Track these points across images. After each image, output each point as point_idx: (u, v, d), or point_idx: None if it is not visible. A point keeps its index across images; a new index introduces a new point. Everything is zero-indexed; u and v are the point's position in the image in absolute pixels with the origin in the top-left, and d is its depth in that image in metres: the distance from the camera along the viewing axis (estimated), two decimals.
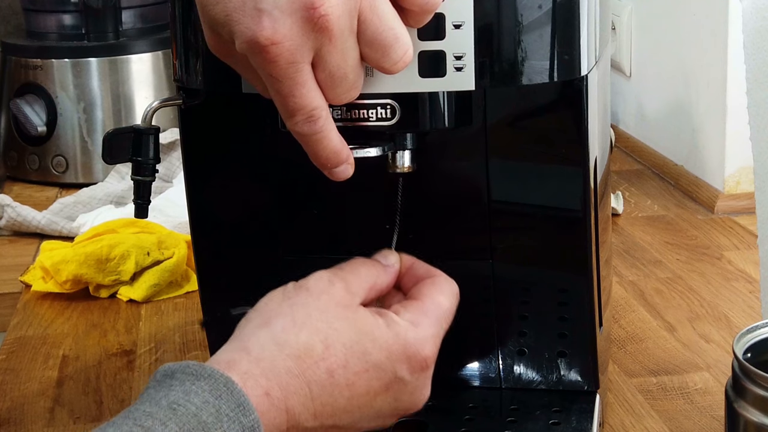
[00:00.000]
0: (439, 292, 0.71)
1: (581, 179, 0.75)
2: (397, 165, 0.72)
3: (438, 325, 0.69)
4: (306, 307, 0.66)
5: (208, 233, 0.84)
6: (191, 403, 0.58)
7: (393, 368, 0.66)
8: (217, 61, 0.72)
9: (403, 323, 0.67)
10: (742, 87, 0.88)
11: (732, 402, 0.67)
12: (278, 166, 0.80)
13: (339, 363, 0.64)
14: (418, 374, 0.67)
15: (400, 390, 0.67)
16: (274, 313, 0.66)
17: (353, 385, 0.65)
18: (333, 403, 0.64)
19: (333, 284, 0.68)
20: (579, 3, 0.70)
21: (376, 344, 0.65)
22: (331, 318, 0.65)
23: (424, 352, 0.67)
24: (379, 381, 0.66)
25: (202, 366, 0.61)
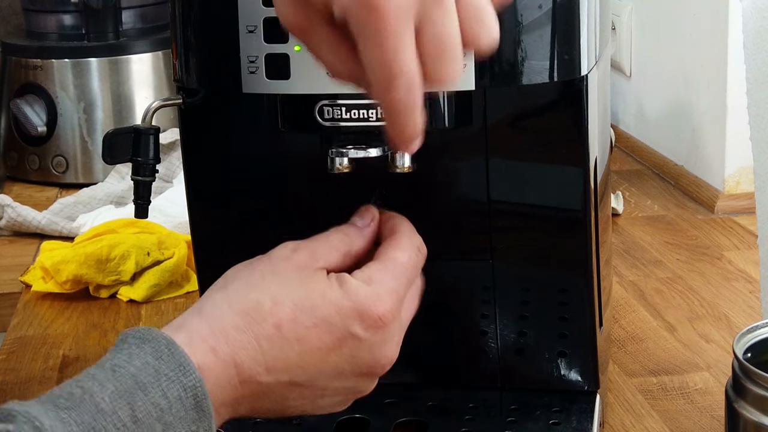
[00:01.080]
0: (395, 247, 0.70)
1: (581, 179, 0.75)
2: (397, 165, 0.72)
3: (395, 280, 0.68)
4: (262, 272, 0.67)
5: (208, 233, 0.84)
6: (132, 364, 0.60)
7: (344, 324, 0.66)
8: (217, 61, 0.72)
9: (355, 282, 0.67)
10: (742, 87, 0.88)
11: (732, 402, 0.67)
12: (278, 166, 0.81)
13: (287, 317, 0.64)
14: (374, 331, 0.66)
15: (355, 346, 0.66)
16: (233, 277, 0.67)
17: (303, 339, 0.65)
18: (284, 357, 0.65)
19: (295, 251, 0.68)
20: (579, 3, 0.70)
21: (325, 300, 0.65)
22: (284, 279, 0.66)
23: (377, 309, 0.66)
24: (330, 336, 0.65)
25: (149, 330, 0.62)
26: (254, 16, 0.70)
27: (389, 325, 0.67)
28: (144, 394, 0.59)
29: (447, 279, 0.81)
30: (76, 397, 0.57)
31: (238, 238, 0.84)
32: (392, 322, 0.67)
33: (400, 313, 0.68)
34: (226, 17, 0.70)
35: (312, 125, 0.72)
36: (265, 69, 0.70)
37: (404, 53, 0.59)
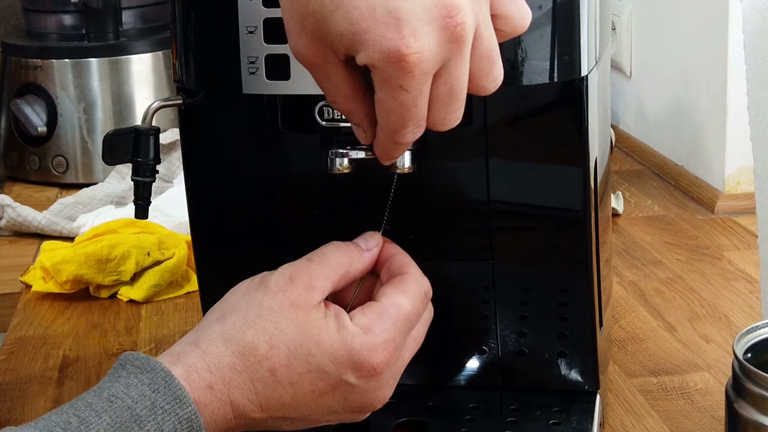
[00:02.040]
0: (400, 293, 0.70)
1: (581, 179, 0.75)
2: (397, 165, 0.72)
3: (394, 329, 0.68)
4: (259, 306, 0.67)
5: (208, 233, 0.84)
6: (128, 396, 0.61)
7: (337, 372, 0.66)
8: (217, 61, 0.72)
9: (353, 329, 0.67)
10: (742, 87, 0.88)
11: (732, 402, 0.67)
12: (278, 167, 0.81)
13: (281, 363, 0.66)
14: (367, 379, 0.67)
15: (348, 391, 0.67)
16: (231, 308, 0.68)
17: (296, 383, 0.66)
18: (278, 398, 0.66)
19: (293, 282, 0.68)
20: (579, 3, 0.70)
21: (320, 348, 0.66)
22: (281, 318, 0.66)
23: (371, 360, 0.67)
24: (323, 382, 0.67)
25: (147, 359, 0.63)
26: (254, 17, 0.70)
27: (383, 374, 0.68)
28: (139, 427, 0.60)
29: (447, 279, 0.81)
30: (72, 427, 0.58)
31: (237, 239, 0.84)
32: (386, 371, 0.68)
33: (398, 361, 0.69)
34: (226, 18, 0.70)
35: (312, 126, 0.72)
36: (265, 69, 0.70)
37: (422, 102, 0.61)
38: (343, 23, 0.59)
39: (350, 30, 0.59)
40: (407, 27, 0.58)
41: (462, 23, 0.59)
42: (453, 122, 0.64)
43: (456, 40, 0.60)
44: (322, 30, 0.60)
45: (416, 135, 0.63)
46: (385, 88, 0.60)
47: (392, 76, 0.59)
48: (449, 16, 0.59)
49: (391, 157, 0.66)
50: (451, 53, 0.60)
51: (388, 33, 0.58)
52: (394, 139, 0.63)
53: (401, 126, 0.62)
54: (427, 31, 0.59)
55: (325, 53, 0.61)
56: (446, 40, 0.59)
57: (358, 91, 0.63)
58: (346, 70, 0.62)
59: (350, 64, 0.62)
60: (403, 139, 0.63)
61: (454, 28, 0.59)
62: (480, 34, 0.61)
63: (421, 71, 0.59)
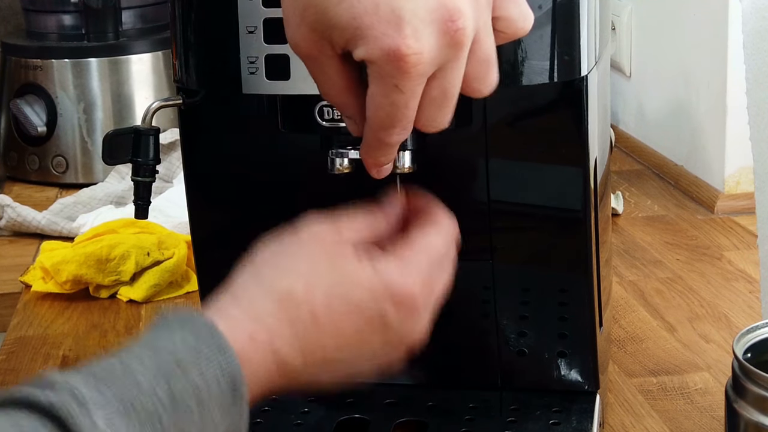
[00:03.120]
0: (432, 231, 0.70)
1: (581, 179, 0.75)
2: (397, 165, 0.72)
3: (428, 266, 0.68)
4: (292, 255, 0.67)
5: (208, 233, 0.84)
6: (172, 343, 0.60)
7: (378, 308, 0.66)
8: (217, 61, 0.72)
9: (387, 262, 0.67)
10: (742, 87, 0.88)
11: (732, 402, 0.67)
12: (278, 166, 0.81)
13: (321, 304, 0.65)
14: (406, 315, 0.67)
15: (387, 326, 0.67)
16: (263, 262, 0.67)
17: (337, 323, 0.65)
18: (320, 341, 0.65)
19: (322, 226, 0.68)
20: (579, 3, 0.70)
21: (358, 285, 0.66)
22: (315, 262, 0.66)
23: (409, 290, 0.66)
24: (363, 319, 0.66)
25: (189, 311, 0.63)
26: (254, 17, 0.70)
27: (420, 307, 0.67)
28: (183, 372, 0.59)
29: None
30: (116, 372, 0.57)
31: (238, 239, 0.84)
32: (421, 301, 0.67)
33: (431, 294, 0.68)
34: (226, 18, 0.70)
35: (312, 126, 0.72)
36: (265, 69, 0.70)
37: (414, 104, 0.61)
38: (345, 16, 0.59)
39: (352, 24, 0.59)
40: (409, 27, 0.58)
41: (463, 28, 0.59)
42: (442, 124, 0.64)
43: (455, 45, 0.60)
44: (323, 22, 0.60)
45: (402, 136, 0.63)
46: (379, 85, 0.61)
47: (389, 74, 0.60)
48: (451, 20, 0.59)
49: (379, 162, 0.66)
50: (449, 57, 0.60)
51: (390, 31, 0.58)
52: (381, 138, 0.63)
53: (389, 125, 0.62)
54: (428, 33, 0.59)
55: (322, 45, 0.61)
56: (446, 44, 0.59)
57: (352, 84, 0.63)
58: (341, 64, 0.62)
59: (346, 58, 0.62)
60: (389, 138, 0.63)
61: (455, 33, 0.59)
62: (479, 39, 0.61)
63: (418, 72, 0.59)
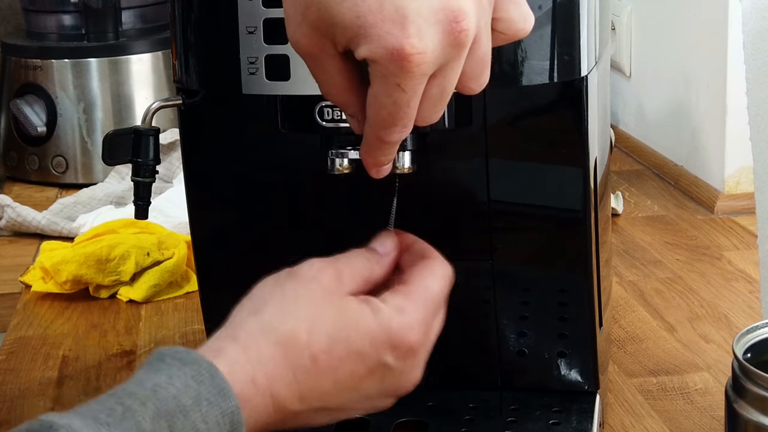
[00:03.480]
0: (429, 275, 0.70)
1: (581, 179, 0.75)
2: (397, 166, 0.72)
3: (425, 309, 0.69)
4: (294, 296, 0.67)
5: (208, 233, 0.84)
6: (173, 386, 0.60)
7: (377, 354, 0.66)
8: (217, 62, 0.72)
9: (388, 310, 0.67)
10: (742, 87, 0.88)
11: (732, 402, 0.67)
12: (278, 167, 0.81)
13: (322, 350, 0.65)
14: (404, 359, 0.67)
15: (386, 374, 0.67)
16: (263, 301, 0.67)
17: (337, 369, 0.66)
18: (318, 387, 0.65)
19: (323, 271, 0.68)
20: (579, 3, 0.70)
21: (359, 332, 0.66)
22: (317, 306, 0.66)
23: (408, 339, 0.67)
24: (363, 366, 0.66)
25: (189, 352, 0.62)
26: (254, 17, 0.70)
27: (418, 353, 0.68)
28: (184, 417, 0.59)
29: None
30: (117, 414, 0.57)
31: (238, 238, 0.84)
32: (421, 350, 0.68)
33: (428, 341, 0.69)
34: (226, 18, 0.70)
35: (312, 126, 0.72)
36: (265, 70, 0.70)
37: (415, 103, 0.61)
38: (349, 15, 0.59)
39: (356, 23, 0.59)
40: (413, 26, 0.58)
41: (467, 30, 0.59)
42: (435, 120, 0.64)
43: (457, 45, 0.60)
44: (325, 20, 0.60)
45: (402, 135, 0.64)
46: (381, 84, 0.61)
47: (392, 73, 0.60)
48: (455, 21, 0.59)
49: (379, 162, 0.67)
50: (451, 57, 0.60)
51: (394, 30, 0.58)
52: (381, 136, 0.64)
53: (390, 124, 0.62)
54: (432, 33, 0.59)
55: (323, 44, 0.61)
56: (448, 44, 0.59)
57: (353, 83, 0.63)
58: (342, 62, 0.62)
59: (347, 57, 0.62)
60: (389, 137, 0.63)
61: (459, 34, 0.59)
62: (478, 39, 0.61)
63: (421, 72, 0.60)
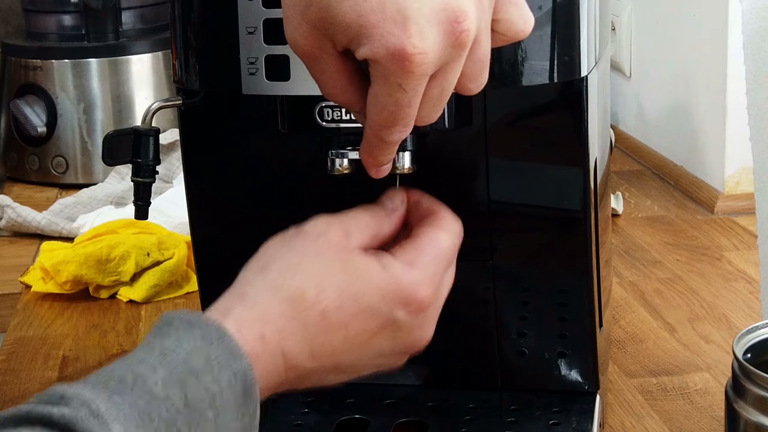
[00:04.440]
0: (439, 230, 0.70)
1: (581, 180, 0.75)
2: (397, 166, 0.72)
3: (436, 264, 0.68)
4: (301, 252, 0.66)
5: (208, 233, 0.84)
6: (182, 349, 0.59)
7: (388, 309, 0.66)
8: (217, 62, 0.72)
9: (398, 265, 0.67)
10: (742, 87, 0.88)
11: (732, 402, 0.67)
12: (278, 167, 0.81)
13: (332, 305, 0.65)
14: (415, 315, 0.67)
15: (397, 329, 0.67)
16: (271, 258, 0.67)
17: (348, 325, 0.65)
18: (330, 343, 0.65)
19: (330, 226, 0.68)
20: (579, 4, 0.70)
21: (369, 286, 0.66)
22: (326, 261, 0.66)
23: (420, 293, 0.66)
24: (374, 321, 0.66)
25: (196, 314, 0.62)
26: (254, 18, 0.70)
27: (429, 309, 0.68)
28: (196, 379, 0.59)
29: None
30: (128, 382, 0.57)
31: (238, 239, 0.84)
32: (432, 305, 0.68)
33: (439, 296, 0.69)
34: (225, 18, 0.70)
35: (312, 126, 0.72)
36: (265, 70, 0.70)
37: (416, 103, 0.61)
38: (350, 15, 0.59)
39: (357, 22, 0.59)
40: (415, 27, 0.58)
41: (468, 30, 0.59)
42: (434, 120, 0.64)
43: (458, 46, 0.60)
44: (326, 20, 0.60)
45: (403, 135, 0.63)
46: (382, 84, 0.61)
47: (393, 73, 0.60)
48: (456, 22, 0.59)
49: (378, 162, 0.66)
50: (451, 57, 0.60)
51: (396, 30, 0.58)
52: (381, 136, 0.63)
53: (391, 123, 0.62)
54: (434, 34, 0.59)
55: (323, 44, 0.61)
56: (449, 44, 0.59)
57: (353, 81, 0.63)
58: (341, 62, 0.62)
59: (346, 56, 0.62)
60: (389, 136, 0.63)
61: (460, 35, 0.59)
62: (478, 40, 0.61)
63: (422, 72, 0.60)
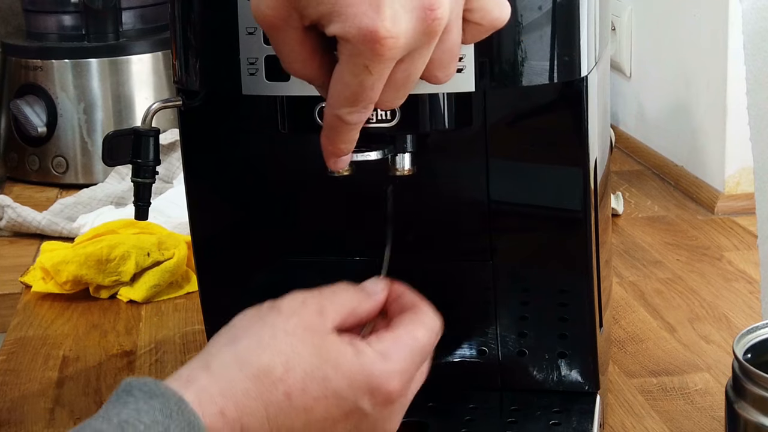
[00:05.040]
0: (418, 325, 0.69)
1: (581, 180, 0.75)
2: (397, 168, 0.72)
3: (410, 359, 0.67)
4: (273, 328, 0.65)
5: (207, 234, 0.84)
6: (140, 422, 0.58)
7: (354, 398, 0.65)
8: (217, 62, 0.72)
9: (371, 354, 0.66)
10: (742, 88, 0.88)
11: (732, 402, 0.67)
12: (278, 167, 0.81)
13: (297, 387, 0.64)
14: (381, 408, 0.66)
15: (361, 419, 0.66)
16: (242, 331, 0.66)
17: (311, 410, 0.64)
18: (290, 425, 0.64)
19: (305, 306, 0.67)
20: (579, 4, 0.70)
21: (338, 372, 0.64)
22: (296, 341, 0.65)
23: (388, 386, 0.65)
24: (338, 408, 0.65)
25: (157, 384, 0.61)
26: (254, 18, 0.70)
27: (396, 402, 0.66)
28: None
29: (447, 279, 0.81)
30: None
31: (238, 239, 0.84)
32: (399, 400, 0.67)
33: (408, 392, 0.68)
34: (225, 19, 0.70)
35: (312, 127, 0.71)
36: (265, 70, 0.70)
37: (380, 85, 0.61)
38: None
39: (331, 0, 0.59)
40: (389, 10, 0.58)
41: (440, 18, 0.60)
42: (396, 105, 0.64)
43: (429, 33, 0.60)
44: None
45: (362, 117, 0.63)
46: (349, 63, 0.60)
47: (361, 54, 0.59)
48: (430, 9, 0.59)
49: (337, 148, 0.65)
50: (421, 44, 0.60)
51: (370, 11, 0.58)
52: (341, 115, 0.63)
53: (352, 103, 0.62)
54: (407, 19, 0.59)
55: (289, 16, 0.61)
56: (421, 31, 0.60)
57: (315, 56, 0.63)
58: (305, 36, 0.62)
59: (310, 30, 0.62)
60: (348, 116, 0.63)
61: (432, 22, 0.59)
62: (449, 29, 0.62)
63: (391, 56, 0.60)
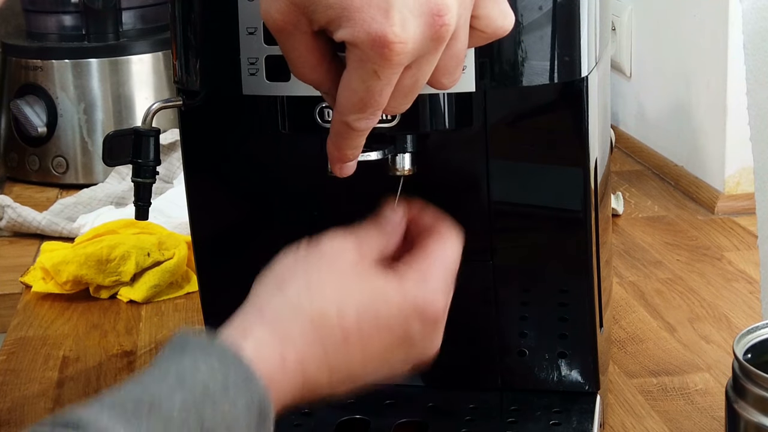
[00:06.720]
0: (445, 241, 0.70)
1: (581, 180, 0.75)
2: (397, 168, 0.72)
3: (445, 277, 0.69)
4: (320, 270, 0.67)
5: (208, 234, 0.84)
6: (199, 372, 0.59)
7: (405, 323, 0.67)
8: (218, 62, 0.72)
9: (413, 280, 0.67)
10: (742, 87, 0.88)
11: (732, 403, 0.67)
12: (278, 167, 0.81)
13: (353, 326, 0.65)
14: (430, 328, 0.68)
15: (411, 343, 0.68)
16: (288, 275, 0.67)
17: (367, 344, 0.66)
18: (347, 362, 0.66)
19: (346, 246, 0.68)
20: (579, 4, 0.70)
21: (388, 305, 0.66)
22: (345, 283, 0.66)
23: (435, 306, 0.67)
24: (391, 336, 0.67)
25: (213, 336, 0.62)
26: (254, 18, 0.70)
27: (441, 321, 0.68)
28: (213, 405, 0.58)
29: None
30: (144, 406, 0.56)
31: (238, 239, 0.84)
32: (444, 318, 0.69)
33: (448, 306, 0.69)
34: (226, 19, 0.70)
35: (312, 127, 0.72)
36: (265, 71, 0.70)
37: (388, 91, 0.61)
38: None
39: (341, 4, 0.59)
40: (398, 15, 0.59)
41: (448, 24, 0.60)
42: (402, 111, 0.65)
43: (437, 39, 0.60)
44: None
45: (369, 123, 0.63)
46: (357, 69, 0.61)
47: (370, 59, 0.60)
48: (438, 15, 0.59)
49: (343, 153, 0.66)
50: (428, 50, 0.61)
51: (379, 16, 0.59)
52: (348, 122, 0.63)
53: (360, 109, 0.62)
54: (415, 25, 0.59)
55: (298, 20, 0.61)
56: (429, 36, 0.60)
57: (323, 62, 0.63)
58: (314, 41, 0.62)
59: (319, 35, 0.62)
60: (356, 123, 0.63)
61: (440, 28, 0.60)
62: (456, 35, 0.62)
63: (399, 61, 0.60)
